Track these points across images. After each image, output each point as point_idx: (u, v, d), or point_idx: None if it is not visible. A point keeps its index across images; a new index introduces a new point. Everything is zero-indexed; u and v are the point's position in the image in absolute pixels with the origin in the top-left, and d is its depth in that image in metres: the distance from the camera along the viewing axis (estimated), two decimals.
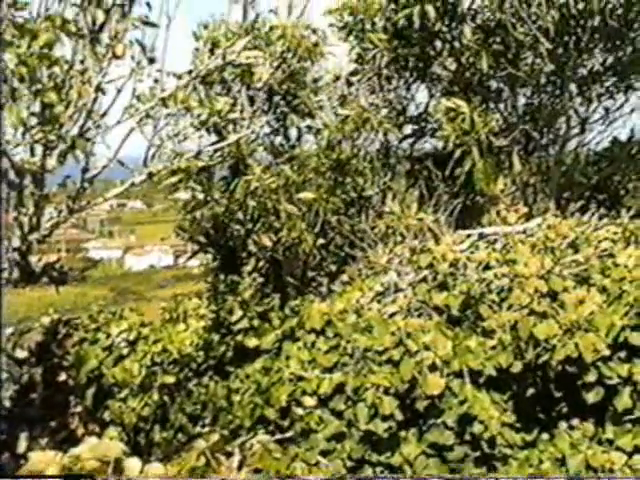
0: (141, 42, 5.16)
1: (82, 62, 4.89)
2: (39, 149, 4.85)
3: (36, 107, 4.66)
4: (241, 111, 7.60)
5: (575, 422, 5.66)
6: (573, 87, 8.79)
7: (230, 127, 7.27)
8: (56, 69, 4.63)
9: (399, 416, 5.59)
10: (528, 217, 7.09)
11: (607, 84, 9.07)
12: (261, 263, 8.37)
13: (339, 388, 5.81)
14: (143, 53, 5.18)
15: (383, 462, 5.62)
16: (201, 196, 7.63)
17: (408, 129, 9.31)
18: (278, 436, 5.84)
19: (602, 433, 5.53)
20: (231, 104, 6.91)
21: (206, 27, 7.88)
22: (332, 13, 8.96)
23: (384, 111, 8.50)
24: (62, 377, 7.60)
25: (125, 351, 7.35)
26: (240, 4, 6.93)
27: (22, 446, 6.93)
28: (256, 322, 6.88)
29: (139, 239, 67.62)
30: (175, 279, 44.10)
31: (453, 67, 8.71)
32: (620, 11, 8.28)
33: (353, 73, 8.79)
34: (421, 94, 9.27)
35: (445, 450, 5.59)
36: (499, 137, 8.37)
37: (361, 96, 8.62)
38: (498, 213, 7.28)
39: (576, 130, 9.10)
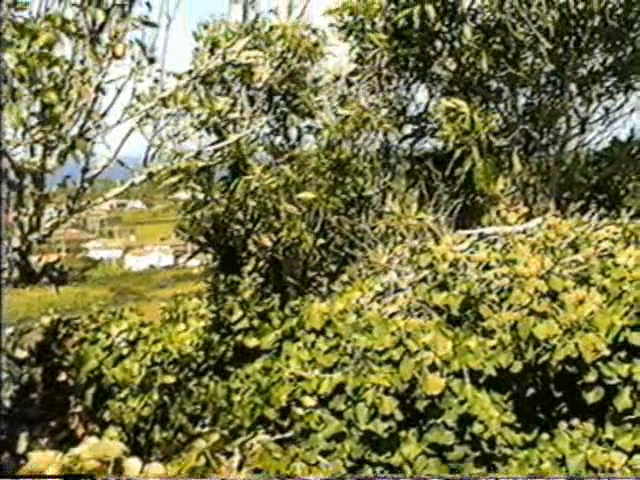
0: (141, 42, 5.15)
1: (82, 62, 4.89)
2: (39, 149, 4.84)
3: (36, 107, 4.65)
4: (241, 111, 7.60)
5: (575, 422, 5.66)
6: (573, 87, 8.79)
7: (230, 127, 7.27)
8: (56, 69, 4.63)
9: (399, 416, 5.60)
10: (528, 217, 7.10)
11: (607, 84, 9.07)
12: (261, 263, 8.38)
13: (339, 388, 5.81)
14: (143, 53, 5.18)
15: (383, 462, 5.62)
16: (201, 196, 7.63)
17: (408, 129, 9.31)
18: (278, 436, 5.85)
19: (602, 433, 5.53)
20: (231, 104, 6.90)
21: (206, 27, 7.87)
22: (332, 13, 8.96)
23: (384, 111, 8.49)
24: (62, 377, 7.60)
25: (125, 351, 7.35)
26: (240, 4, 6.91)
27: (22, 446, 6.93)
28: (256, 322, 6.88)
29: (139, 239, 67.58)
30: (175, 279, 44.06)
31: (453, 67, 8.71)
32: (620, 11, 8.28)
33: (353, 73, 8.79)
34: (421, 94, 9.29)
35: (445, 450, 5.59)
36: (499, 137, 8.37)
37: (361, 96, 8.62)
38: (498, 213, 7.29)
39: (576, 130, 9.10)
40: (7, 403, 7.19)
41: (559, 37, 8.26)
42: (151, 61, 5.23)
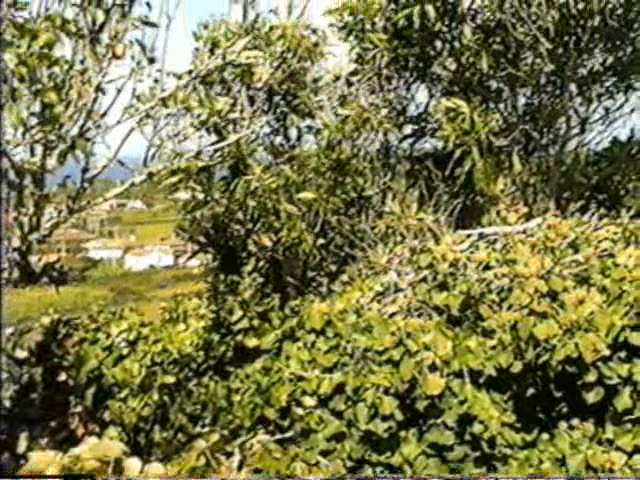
0: (141, 42, 5.15)
1: (82, 62, 4.89)
2: (39, 149, 4.84)
3: (36, 107, 4.65)
4: (241, 111, 7.61)
5: (575, 422, 5.66)
6: (573, 87, 8.79)
7: (230, 127, 7.27)
8: (56, 69, 4.63)
9: (399, 416, 5.60)
10: (528, 217, 7.10)
11: (607, 84, 9.07)
12: (261, 263, 8.37)
13: (339, 388, 5.81)
14: (143, 53, 5.18)
15: (383, 462, 5.62)
16: (201, 196, 7.63)
17: (408, 129, 9.31)
18: (278, 436, 5.85)
19: (602, 433, 5.53)
20: (231, 104, 6.91)
21: (206, 27, 7.87)
22: (332, 13, 8.96)
23: (384, 111, 8.49)
24: (62, 377, 7.59)
25: (125, 351, 7.35)
26: (240, 4, 6.91)
27: (22, 446, 6.93)
28: (256, 322, 6.88)
29: (139, 239, 67.58)
30: (175, 279, 44.06)
31: (453, 67, 8.71)
32: (620, 11, 8.29)
33: (353, 73, 8.79)
34: (421, 94, 9.29)
35: (445, 450, 5.59)
36: (499, 137, 8.36)
37: (361, 96, 8.62)
38: (498, 213, 7.29)
39: (576, 130, 9.10)
40: (7, 403, 7.20)
41: (559, 37, 8.26)
42: (151, 61, 5.23)
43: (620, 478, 5.25)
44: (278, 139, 8.60)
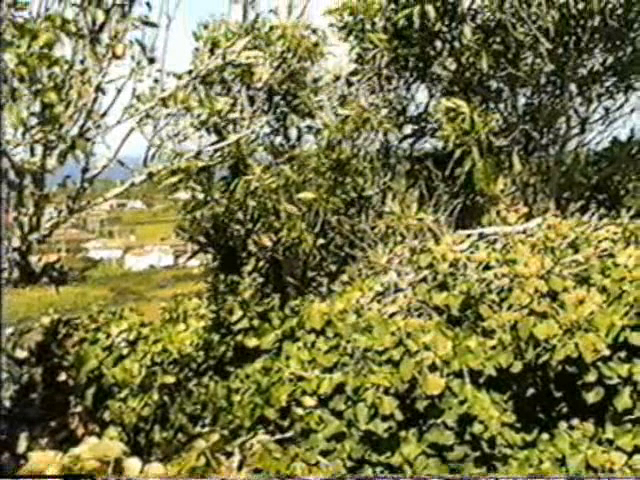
0: (141, 42, 5.15)
1: (82, 62, 4.89)
2: (39, 149, 4.84)
3: (36, 107, 4.65)
4: (241, 111, 7.61)
5: (575, 422, 5.66)
6: (573, 87, 8.79)
7: (230, 127, 7.28)
8: (56, 69, 4.63)
9: (399, 416, 5.60)
10: (528, 217, 7.10)
11: (607, 84, 9.07)
12: (261, 263, 8.38)
13: (339, 388, 5.81)
14: (143, 53, 5.18)
15: (383, 462, 5.62)
16: (201, 196, 7.63)
17: (408, 129, 9.31)
18: (278, 436, 5.85)
19: (602, 433, 5.53)
20: (231, 104, 6.91)
21: (206, 27, 7.87)
22: (332, 13, 8.96)
23: (384, 111, 8.49)
24: (62, 377, 7.60)
25: (125, 351, 7.35)
26: (240, 4, 6.91)
27: (22, 446, 6.93)
28: (256, 322, 6.88)
29: (139, 239, 67.59)
30: (175, 279, 44.05)
31: (453, 67, 8.72)
32: (620, 11, 8.29)
33: (353, 73, 8.79)
34: (421, 94, 9.29)
35: (445, 450, 5.59)
36: (499, 137, 8.36)
37: (361, 96, 8.62)
38: (498, 213, 7.29)
39: (576, 130, 9.10)
40: (7, 403, 7.20)
41: (559, 37, 8.26)
42: (151, 61, 5.23)
43: (620, 478, 5.25)
44: (278, 139, 8.62)
